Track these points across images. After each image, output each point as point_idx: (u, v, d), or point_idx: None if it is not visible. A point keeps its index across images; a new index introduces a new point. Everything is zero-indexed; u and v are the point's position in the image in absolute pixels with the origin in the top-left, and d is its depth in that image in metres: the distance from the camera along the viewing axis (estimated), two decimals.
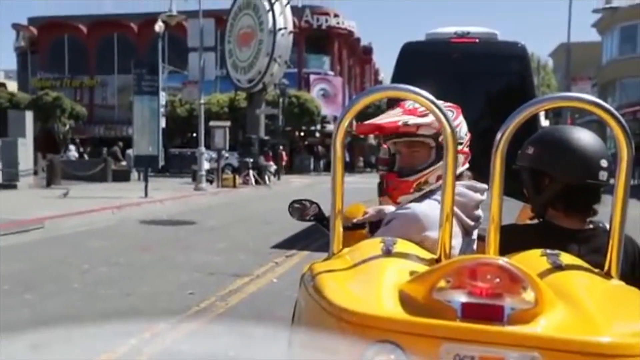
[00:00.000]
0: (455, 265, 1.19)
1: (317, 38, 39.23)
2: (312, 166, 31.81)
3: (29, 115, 17.44)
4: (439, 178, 1.71)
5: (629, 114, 24.22)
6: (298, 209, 2.40)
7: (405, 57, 7.15)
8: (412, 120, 1.72)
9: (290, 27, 26.62)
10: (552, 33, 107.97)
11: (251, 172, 20.87)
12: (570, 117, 23.90)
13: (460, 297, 1.14)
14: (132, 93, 16.51)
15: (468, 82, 6.71)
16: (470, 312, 1.13)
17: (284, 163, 23.17)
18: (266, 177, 21.80)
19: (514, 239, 1.53)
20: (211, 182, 19.15)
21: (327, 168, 33.93)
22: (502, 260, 1.17)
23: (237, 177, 19.73)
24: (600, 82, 34.08)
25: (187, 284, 5.41)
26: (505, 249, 1.44)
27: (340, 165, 1.51)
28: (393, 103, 1.91)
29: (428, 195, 1.75)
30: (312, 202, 2.39)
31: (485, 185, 1.69)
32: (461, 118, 1.83)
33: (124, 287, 5.23)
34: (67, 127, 36.31)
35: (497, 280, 1.14)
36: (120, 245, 7.81)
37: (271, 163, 23.73)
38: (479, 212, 1.76)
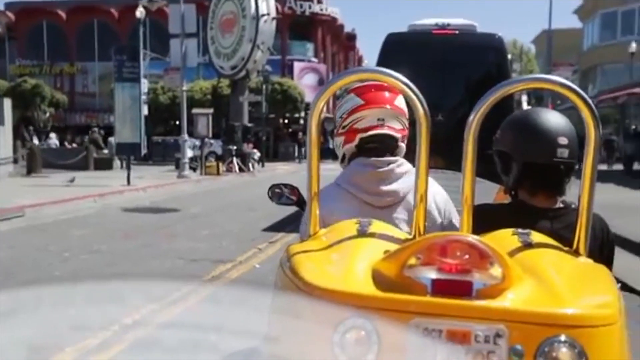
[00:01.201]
0: (425, 243, 1.21)
1: (300, 24, 39.00)
2: (296, 153, 31.74)
3: (7, 103, 17.14)
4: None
5: (609, 100, 24.49)
6: (278, 193, 2.42)
7: (388, 47, 7.39)
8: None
9: (273, 13, 26.42)
10: (534, 20, 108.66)
11: (235, 159, 20.80)
12: (551, 104, 24.12)
13: (430, 274, 1.17)
14: (113, 80, 16.31)
15: (448, 71, 7.05)
16: (440, 288, 1.15)
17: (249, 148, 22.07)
18: (250, 165, 21.75)
19: (486, 219, 1.55)
20: (195, 169, 19.07)
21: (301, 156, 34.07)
22: (472, 237, 1.20)
23: (220, 164, 19.66)
24: (581, 68, 34.40)
25: (169, 270, 5.42)
26: (479, 228, 1.47)
27: (315, 148, 1.53)
28: None
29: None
30: (292, 187, 2.41)
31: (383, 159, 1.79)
32: (346, 98, 1.90)
33: (105, 275, 5.22)
34: (47, 114, 35.78)
35: (467, 256, 1.17)
36: (102, 233, 7.76)
37: (255, 150, 23.66)
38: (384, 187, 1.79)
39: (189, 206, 10.83)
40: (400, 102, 1.84)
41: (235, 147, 21.60)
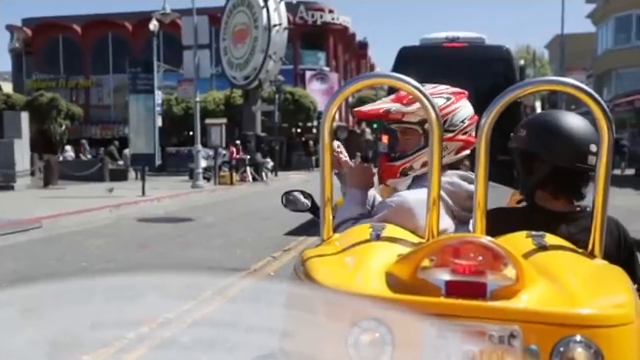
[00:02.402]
0: (439, 244, 1.22)
1: (312, 34, 39.17)
2: (311, 162, 31.69)
3: (24, 117, 17.42)
4: (424, 164, 1.73)
5: (625, 104, 24.24)
6: (291, 200, 2.43)
7: (401, 60, 7.79)
8: (396, 107, 1.76)
9: (285, 24, 26.58)
10: (548, 25, 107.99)
11: (248, 168, 20.88)
12: (566, 107, 23.92)
13: (444, 275, 1.17)
14: (128, 92, 16.51)
15: (458, 82, 7.02)
16: (454, 290, 1.16)
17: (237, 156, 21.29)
18: (263, 174, 21.82)
19: (501, 222, 1.55)
20: (208, 179, 19.17)
21: (316, 164, 34.06)
22: (485, 239, 1.20)
23: (234, 174, 19.75)
24: (595, 72, 34.11)
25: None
26: (493, 232, 1.47)
27: (328, 154, 1.54)
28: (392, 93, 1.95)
29: (419, 182, 1.76)
30: (305, 193, 2.42)
31: None
32: (460, 104, 1.81)
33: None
34: (63, 127, 36.23)
35: (480, 258, 1.17)
36: (117, 243, 7.83)
37: (268, 159, 23.74)
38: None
39: (203, 216, 10.89)
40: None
41: (248, 157, 21.69)
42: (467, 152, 1.79)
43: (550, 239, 1.47)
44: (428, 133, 1.51)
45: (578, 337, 1.07)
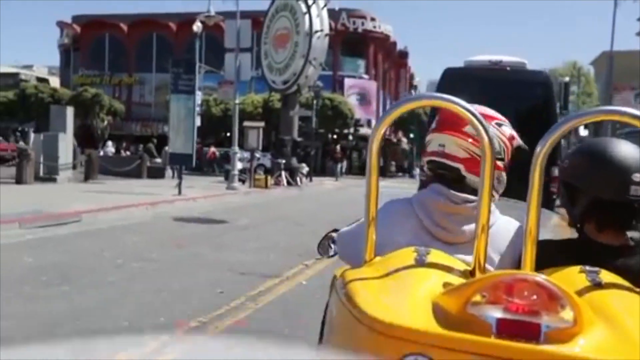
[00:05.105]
0: (490, 280, 1.18)
1: (352, 41, 39.22)
2: (344, 169, 31.66)
3: (69, 111, 17.92)
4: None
5: None
6: (326, 246, 2.32)
7: (446, 81, 8.18)
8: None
9: (327, 30, 26.68)
10: (594, 41, 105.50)
11: (283, 173, 20.99)
12: (611, 127, 23.30)
13: (496, 313, 1.13)
14: (169, 92, 16.80)
15: (500, 105, 7.13)
16: (505, 328, 1.12)
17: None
18: (298, 179, 21.89)
19: (549, 255, 1.50)
20: (243, 182, 19.34)
21: (348, 172, 33.94)
22: (540, 277, 1.15)
23: (269, 177, 19.87)
24: None
25: (218, 282, 5.48)
26: (541, 264, 1.42)
27: (375, 173, 1.52)
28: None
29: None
30: (334, 232, 2.32)
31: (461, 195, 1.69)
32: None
33: (156, 283, 5.33)
34: (105, 123, 37.16)
35: (534, 297, 1.13)
36: (153, 240, 7.95)
37: (303, 165, 23.82)
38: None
39: (237, 218, 10.97)
40: (472, 129, 1.77)
41: (284, 161, 21.81)
42: (424, 165, 1.80)
43: (605, 275, 1.40)
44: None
45: None
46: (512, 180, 1.82)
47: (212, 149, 26.73)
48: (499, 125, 1.75)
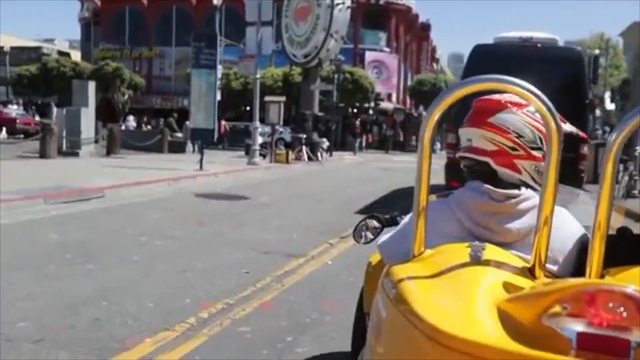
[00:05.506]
0: (570, 290, 1.04)
1: (374, 13, 38.55)
2: (356, 144, 31.23)
3: (91, 85, 17.93)
4: None
5: None
6: (361, 233, 2.28)
7: (476, 58, 8.21)
8: None
9: (348, 2, 26.22)
10: (623, 12, 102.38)
11: (304, 148, 20.86)
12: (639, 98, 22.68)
13: (577, 326, 1.00)
14: (190, 66, 16.67)
15: (531, 82, 7.04)
16: (587, 344, 0.98)
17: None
18: (318, 154, 21.76)
19: (614, 252, 1.36)
20: (264, 156, 19.27)
21: (367, 147, 33.58)
22: (630, 288, 1.01)
23: (290, 152, 19.76)
24: None
25: (242, 262, 5.41)
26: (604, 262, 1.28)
27: (426, 160, 1.40)
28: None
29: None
30: (371, 220, 2.27)
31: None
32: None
33: (180, 262, 5.28)
34: (126, 97, 37.29)
35: (621, 309, 0.99)
36: (176, 218, 7.92)
37: (324, 139, 23.66)
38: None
39: (259, 194, 10.91)
40: (500, 119, 1.59)
41: (305, 136, 21.65)
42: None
43: None
44: None
45: None
46: None
47: (223, 122, 26.95)
48: (532, 113, 1.60)
